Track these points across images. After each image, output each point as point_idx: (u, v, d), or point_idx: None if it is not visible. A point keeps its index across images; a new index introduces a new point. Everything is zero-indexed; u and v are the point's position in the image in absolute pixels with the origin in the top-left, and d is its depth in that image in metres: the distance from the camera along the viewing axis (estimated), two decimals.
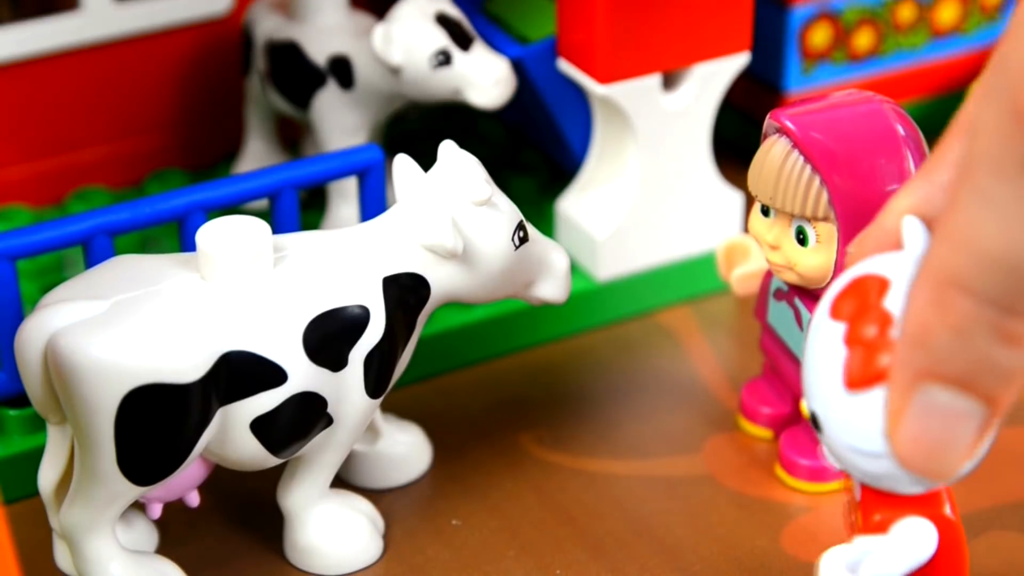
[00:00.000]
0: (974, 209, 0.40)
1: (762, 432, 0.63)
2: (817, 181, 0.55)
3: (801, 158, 0.56)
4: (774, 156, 0.56)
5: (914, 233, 0.45)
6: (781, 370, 0.61)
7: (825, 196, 0.55)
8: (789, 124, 0.56)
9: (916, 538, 0.48)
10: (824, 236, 0.56)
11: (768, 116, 0.57)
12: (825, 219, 0.56)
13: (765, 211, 0.58)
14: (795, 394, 0.61)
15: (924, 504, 0.48)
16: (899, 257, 0.45)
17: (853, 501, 0.50)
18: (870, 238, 0.47)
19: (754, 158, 0.57)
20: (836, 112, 0.56)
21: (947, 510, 0.48)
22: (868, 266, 0.46)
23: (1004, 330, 0.40)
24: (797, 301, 0.59)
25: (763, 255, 0.59)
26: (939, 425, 0.42)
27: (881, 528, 0.48)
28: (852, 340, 0.44)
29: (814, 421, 0.46)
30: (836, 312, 0.45)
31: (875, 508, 0.48)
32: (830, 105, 0.57)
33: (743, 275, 0.62)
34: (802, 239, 0.57)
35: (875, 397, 0.44)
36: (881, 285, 0.45)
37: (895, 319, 0.44)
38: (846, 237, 0.55)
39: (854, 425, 0.45)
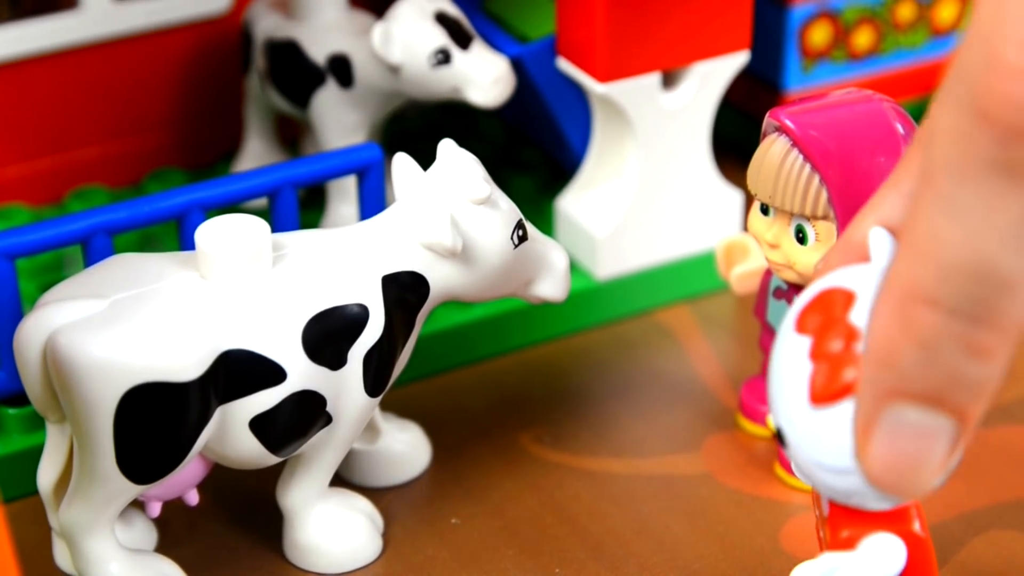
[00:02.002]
0: (936, 217, 0.39)
1: (762, 431, 0.63)
2: (816, 180, 0.55)
3: (801, 157, 0.56)
4: (774, 155, 0.56)
5: (881, 245, 0.45)
6: None
7: (824, 195, 0.55)
8: (788, 123, 0.56)
9: (884, 554, 0.48)
10: (823, 235, 0.56)
11: (767, 115, 0.57)
12: (824, 218, 0.56)
13: (764, 210, 0.58)
14: None
15: (892, 520, 0.48)
16: (865, 270, 0.45)
17: (822, 516, 0.50)
18: (838, 252, 0.46)
19: (753, 156, 0.57)
20: (835, 111, 0.56)
21: (916, 526, 0.48)
22: (834, 279, 0.45)
23: (972, 342, 0.39)
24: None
25: (762, 254, 0.59)
26: (910, 444, 0.41)
27: (849, 544, 0.48)
28: (817, 354, 0.44)
29: (779, 436, 0.46)
30: (801, 326, 0.45)
31: (843, 524, 0.48)
32: (829, 104, 0.57)
33: (743, 274, 0.62)
34: (801, 238, 0.57)
35: (840, 412, 0.43)
36: (847, 298, 0.44)
37: (861, 333, 0.43)
38: None
39: (820, 441, 0.44)
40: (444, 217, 0.54)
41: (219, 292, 0.52)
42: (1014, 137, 0.37)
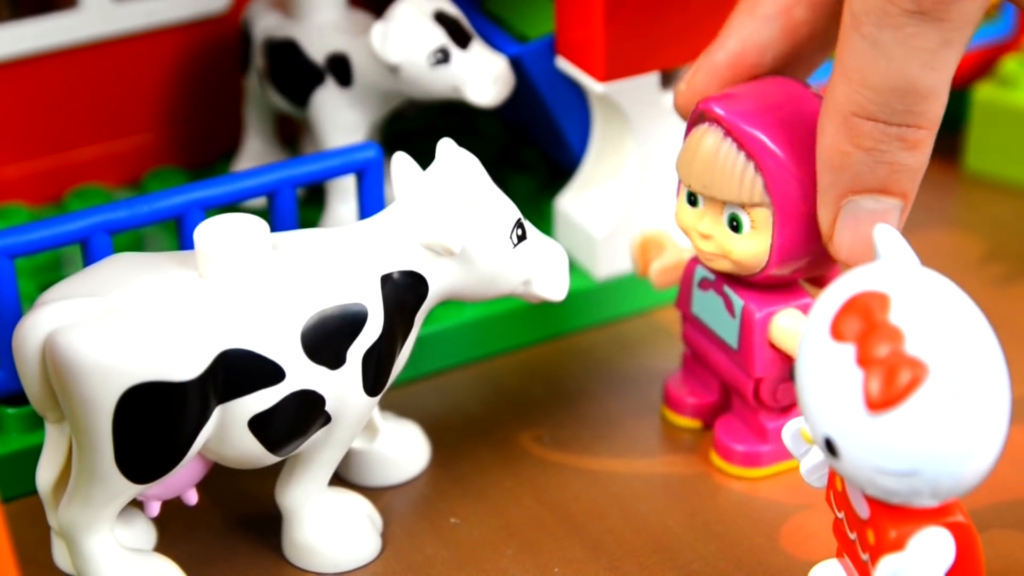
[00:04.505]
0: (866, 53, 0.49)
1: (687, 422, 0.63)
2: (752, 168, 0.56)
3: (735, 146, 0.56)
4: (708, 146, 0.56)
5: (891, 243, 0.45)
6: (708, 360, 0.61)
7: (760, 182, 0.56)
8: (720, 112, 0.56)
9: (937, 548, 0.47)
10: (759, 222, 0.56)
11: (697, 105, 0.57)
12: (760, 204, 0.56)
13: (692, 201, 0.58)
14: (722, 383, 0.62)
15: (938, 514, 0.48)
16: (884, 270, 0.45)
17: (855, 519, 0.49)
18: (701, 72, 0.57)
19: (684, 147, 0.58)
20: (763, 97, 0.56)
21: (959, 516, 0.48)
22: (856, 283, 0.45)
23: (907, 140, 0.50)
24: (727, 289, 0.59)
25: (679, 246, 0.59)
26: (869, 225, 0.51)
27: (899, 545, 0.47)
28: (866, 361, 0.44)
29: (829, 446, 0.45)
30: (839, 333, 0.44)
31: (889, 525, 0.48)
32: (755, 91, 0.57)
33: (662, 268, 0.62)
34: (735, 226, 0.57)
35: (900, 416, 0.43)
36: (882, 301, 0.44)
37: (905, 334, 0.43)
38: (782, 220, 0.56)
39: (881, 447, 0.44)
40: (444, 217, 0.54)
41: (218, 291, 0.52)
42: None
